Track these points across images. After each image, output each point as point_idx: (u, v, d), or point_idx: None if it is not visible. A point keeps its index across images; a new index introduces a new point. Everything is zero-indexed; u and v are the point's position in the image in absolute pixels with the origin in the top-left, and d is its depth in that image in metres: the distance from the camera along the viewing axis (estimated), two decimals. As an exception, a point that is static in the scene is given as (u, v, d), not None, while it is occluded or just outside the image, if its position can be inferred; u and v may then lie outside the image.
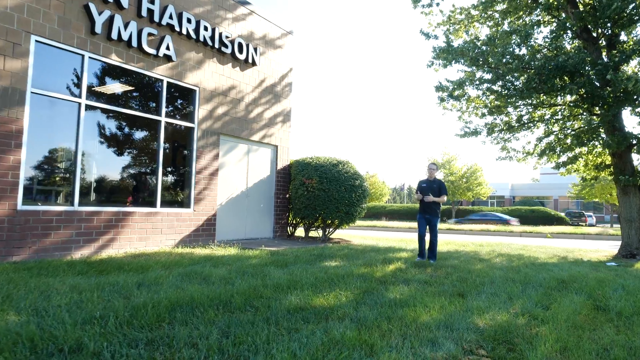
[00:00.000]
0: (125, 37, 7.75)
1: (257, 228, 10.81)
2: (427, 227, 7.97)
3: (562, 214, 37.20)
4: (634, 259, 9.97)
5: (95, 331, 2.94)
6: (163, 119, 8.54)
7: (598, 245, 17.03)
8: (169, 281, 4.81)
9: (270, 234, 11.20)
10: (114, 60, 7.72)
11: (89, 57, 7.38)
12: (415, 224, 14.07)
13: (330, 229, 11.34)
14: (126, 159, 8.18)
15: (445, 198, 7.89)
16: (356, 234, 16.65)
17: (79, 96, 7.23)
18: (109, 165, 7.92)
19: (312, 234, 12.63)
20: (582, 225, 35.94)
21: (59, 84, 7.05)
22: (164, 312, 3.49)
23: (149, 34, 8.20)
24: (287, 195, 11.61)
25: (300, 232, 13.22)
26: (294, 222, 12.18)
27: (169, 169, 8.90)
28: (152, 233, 8.18)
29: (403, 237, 15.81)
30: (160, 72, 8.48)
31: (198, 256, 7.18)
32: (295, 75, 11.48)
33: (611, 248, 15.45)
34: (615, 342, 3.77)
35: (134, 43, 7.91)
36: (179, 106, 9.14)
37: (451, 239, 15.69)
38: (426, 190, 7.86)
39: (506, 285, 5.94)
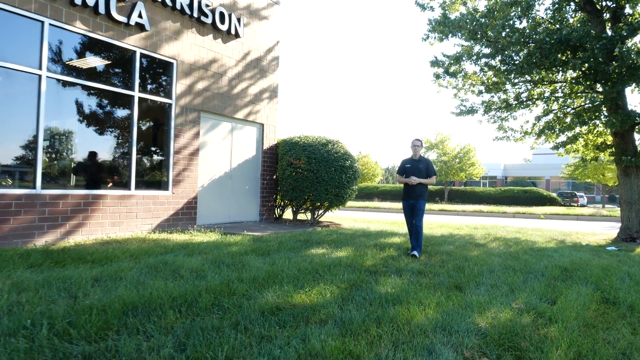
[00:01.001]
0: (91, 2, 7.00)
1: (242, 211, 10.27)
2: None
3: (555, 195, 37.05)
4: (634, 242, 9.60)
5: (18, 347, 2.40)
6: (136, 94, 7.86)
7: (593, 227, 16.76)
8: (132, 275, 4.27)
9: (256, 217, 10.67)
10: (79, 28, 6.99)
11: (50, 24, 6.65)
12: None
13: (320, 212, 10.83)
14: (96, 137, 7.53)
15: (434, 179, 6.85)
16: (347, 216, 16.18)
17: (39, 68, 6.53)
18: (76, 145, 7.27)
19: (301, 216, 12.13)
20: (574, 206, 35.85)
21: (16, 54, 6.33)
22: (113, 317, 2.95)
23: (119, 0, 7.45)
24: (274, 177, 11.04)
25: (288, 214, 12.70)
26: (281, 204, 11.65)
27: (145, 149, 8.27)
28: (126, 217, 7.60)
29: (395, 219, 15.36)
30: (133, 42, 7.76)
31: (174, 243, 6.64)
32: (282, 48, 10.75)
33: (606, 230, 15.17)
34: (634, 345, 3.32)
35: (102, 9, 7.17)
36: (155, 80, 8.45)
37: (445, 221, 15.28)
38: (411, 172, 6.81)
39: (506, 274, 5.48)
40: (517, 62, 9.56)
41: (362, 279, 4.75)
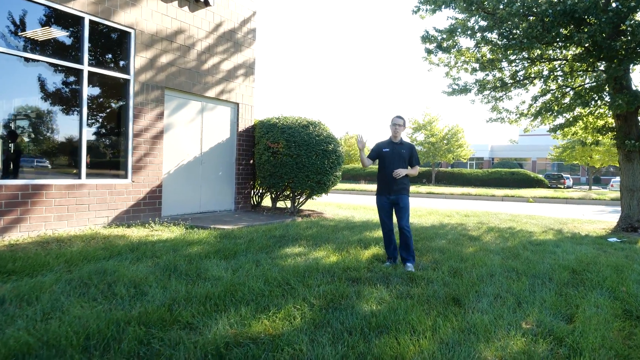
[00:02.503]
0: (24, -43, 5.91)
1: (214, 199, 9.37)
2: (394, 212, 5.25)
3: (542, 177, 36.77)
4: (636, 232, 8.99)
5: None
6: (86, 67, 6.81)
7: (583, 211, 16.29)
8: (51, 295, 3.38)
9: (231, 205, 9.78)
10: (11, -12, 5.90)
11: (-28, -18, 5.56)
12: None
13: (301, 200, 9.98)
14: (37, 119, 6.51)
15: (417, 170, 5.29)
16: (332, 201, 15.37)
17: (-40, 34, 5.46)
18: (13, 128, 6.25)
19: (281, 204, 11.28)
20: (561, 188, 35.67)
21: None
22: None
23: (61, -44, 6.35)
24: (252, 161, 10.13)
25: (268, 201, 11.83)
26: (260, 190, 10.77)
27: (98, 132, 7.26)
28: (76, 210, 6.65)
29: (382, 205, 14.62)
30: (80, 7, 6.67)
31: (126, 241, 5.74)
32: (259, 20, 9.66)
33: (597, 214, 14.67)
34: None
35: (39, -34, 6.08)
36: (109, 53, 7.39)
37: (433, 206, 14.59)
38: (390, 159, 5.13)
39: (509, 280, 4.73)
40: (516, 35, 8.69)
41: (341, 291, 3.94)
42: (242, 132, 9.90)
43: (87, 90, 6.88)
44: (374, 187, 30.50)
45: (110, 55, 7.39)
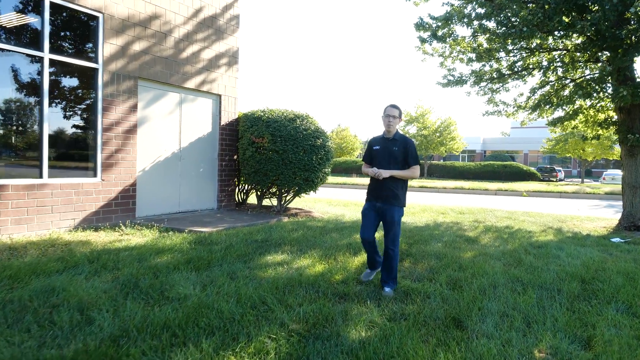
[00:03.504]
0: None
1: (195, 198, 8.78)
2: (381, 224, 4.26)
3: (534, 169, 36.58)
4: (639, 231, 8.57)
5: None
6: (47, 55, 6.17)
7: (577, 205, 15.94)
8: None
9: (213, 204, 9.20)
10: (-44, -36, 5.23)
11: None
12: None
13: (288, 198, 9.43)
14: (-8, 111, 5.87)
15: (417, 171, 4.16)
16: (322, 197, 14.82)
17: None
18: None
19: (268, 201, 10.72)
20: (553, 180, 35.52)
21: None
22: None
23: None
24: (236, 157, 9.54)
25: (254, 198, 11.27)
26: (245, 187, 10.20)
27: (62, 127, 6.62)
28: (37, 213, 6.04)
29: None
30: (39, -13, 6.02)
31: (89, 249, 5.16)
32: (243, 6, 8.99)
33: (592, 209, 14.31)
34: None
35: (-11, -60, 5.41)
36: (73, 39, 6.74)
37: (426, 201, 14.12)
38: (380, 157, 4.20)
39: (515, 293, 4.25)
40: (516, 23, 8.16)
41: (326, 312, 3.41)
42: (225, 126, 9.29)
43: (49, 80, 6.23)
44: (365, 180, 29.87)
45: (75, 42, 6.73)
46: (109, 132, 6.96)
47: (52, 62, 6.28)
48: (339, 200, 13.77)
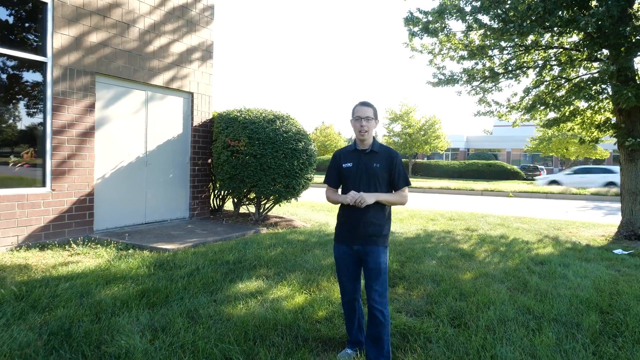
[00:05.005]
0: None
1: (164, 207, 7.96)
2: (362, 273, 3.07)
3: (517, 168, 36.56)
4: (640, 241, 8.09)
5: None
6: (-19, 46, 5.29)
7: (565, 207, 15.59)
8: None
9: (185, 212, 8.39)
10: None
11: None
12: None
13: (267, 206, 8.67)
14: None
15: (405, 194, 2.98)
16: (304, 199, 14.07)
17: None
18: None
19: (246, 208, 9.94)
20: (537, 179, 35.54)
21: None
22: None
23: None
24: (210, 161, 8.74)
25: (231, 204, 10.48)
26: (221, 192, 9.41)
27: (2, 129, 5.74)
28: (-30, 230, 5.18)
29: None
30: (-29, -34, 5.13)
31: (24, 277, 4.33)
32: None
33: (580, 211, 13.91)
34: None
35: None
36: (16, 29, 5.85)
37: (414, 206, 13.51)
38: (353, 178, 2.94)
39: (528, 330, 3.62)
40: (514, 18, 7.55)
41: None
42: (198, 127, 8.48)
43: (-14, 76, 5.37)
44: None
45: (19, 32, 5.85)
46: (60, 135, 6.10)
47: (-11, 55, 5.40)
48: (322, 204, 13.06)
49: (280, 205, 9.08)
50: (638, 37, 7.26)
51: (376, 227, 2.91)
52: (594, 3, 7.74)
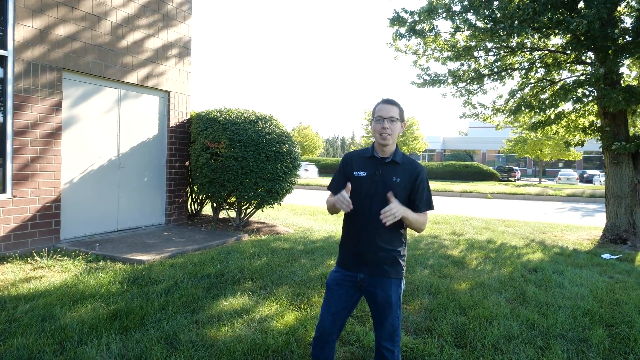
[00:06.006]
0: None
1: (138, 212, 7.47)
2: (351, 308, 2.42)
3: (494, 169, 37.07)
4: (626, 244, 8.06)
5: None
6: None
7: (543, 209, 15.73)
8: None
9: (161, 218, 7.91)
10: None
11: None
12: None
13: (248, 211, 8.27)
14: None
15: (425, 218, 2.36)
16: (285, 204, 13.70)
17: None
18: None
19: (226, 212, 9.50)
20: (512, 180, 36.16)
21: None
22: None
23: None
24: (187, 163, 8.28)
25: (209, 208, 10.02)
26: (199, 197, 8.95)
27: (-44, 128, 5.20)
28: None
29: (341, 207, 13.13)
30: None
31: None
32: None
33: (559, 214, 13.99)
34: None
35: None
36: (-27, 17, 5.32)
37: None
38: (367, 192, 2.32)
39: (536, 348, 3.39)
40: (503, 19, 7.38)
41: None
42: (175, 128, 8.02)
43: (-64, 70, 4.81)
44: (328, 180, 28.69)
45: (-25, 22, 5.31)
46: (22, 137, 5.57)
47: (-60, 47, 4.86)
48: (304, 207, 12.73)
49: (262, 211, 8.69)
50: (626, 40, 7.21)
51: (389, 253, 2.31)
52: (580, 5, 7.67)
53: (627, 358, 3.35)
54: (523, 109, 9.39)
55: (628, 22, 8.38)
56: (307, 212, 11.49)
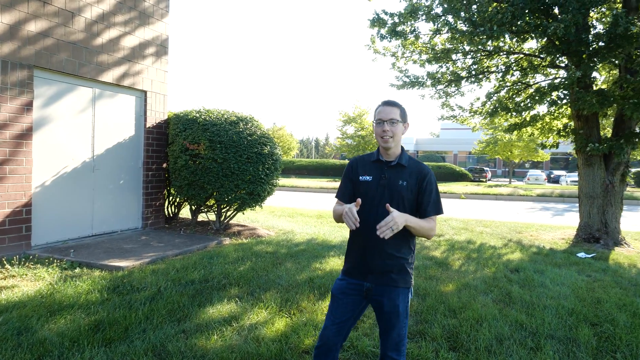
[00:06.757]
0: None
1: (114, 216, 7.20)
2: (356, 318, 2.32)
3: (466, 170, 37.82)
4: (599, 243, 8.31)
5: None
6: None
7: (516, 209, 16.10)
8: None
9: (137, 222, 7.65)
10: None
11: None
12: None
13: (229, 214, 8.10)
14: None
15: (434, 224, 2.24)
16: (263, 206, 13.55)
17: None
18: None
19: (204, 215, 9.30)
20: (484, 181, 36.98)
21: None
22: None
23: None
24: (165, 165, 8.05)
25: (187, 211, 9.79)
26: (177, 199, 8.72)
27: None
28: None
29: (320, 209, 13.11)
30: None
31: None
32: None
33: (529, 212, 14.37)
34: None
35: None
36: (-64, 10, 4.99)
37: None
38: (372, 198, 2.24)
39: (527, 350, 3.42)
40: (481, 22, 7.49)
41: None
42: (152, 129, 7.77)
43: None
44: (304, 182, 28.72)
45: (-62, 15, 4.99)
46: (-9, 138, 5.27)
47: None
48: (282, 209, 12.61)
49: (243, 213, 8.54)
50: (600, 44, 7.42)
51: (396, 260, 2.23)
52: (555, 10, 7.87)
53: (615, 356, 3.41)
54: (499, 111, 9.57)
55: (600, 28, 8.65)
56: (286, 214, 11.38)
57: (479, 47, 8.61)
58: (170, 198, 8.62)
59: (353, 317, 2.28)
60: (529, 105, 9.04)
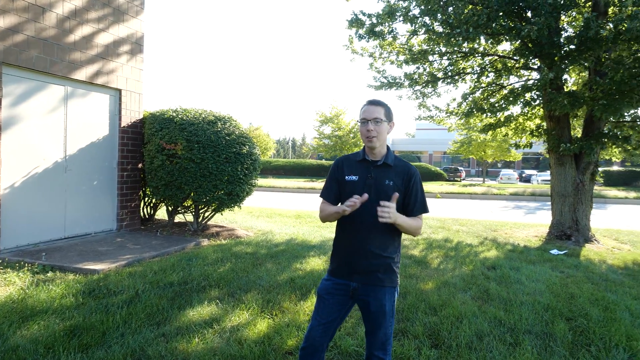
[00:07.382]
0: None
1: (87, 218, 7.00)
2: (342, 318, 2.31)
3: (441, 170, 38.43)
4: (570, 240, 8.56)
5: None
6: None
7: (490, 207, 16.44)
8: None
9: (112, 224, 7.46)
10: None
11: None
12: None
13: (206, 214, 7.98)
14: None
15: (420, 223, 2.27)
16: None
17: None
18: None
19: (182, 216, 9.14)
20: (458, 180, 37.66)
21: None
22: None
23: None
24: (140, 165, 7.87)
25: (163, 212, 9.61)
26: (152, 200, 8.55)
27: None
28: None
29: (298, 209, 13.09)
30: None
31: None
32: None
33: (503, 210, 14.72)
34: None
35: None
36: None
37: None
38: (361, 194, 2.13)
39: (507, 345, 3.49)
40: (457, 24, 7.62)
41: None
42: (127, 128, 7.59)
43: None
44: (281, 182, 28.63)
45: None
46: (-44, 137, 5.05)
47: None
48: (260, 210, 12.53)
49: (221, 214, 8.43)
50: (571, 47, 7.65)
51: (382, 260, 2.22)
52: (528, 14, 8.07)
53: (589, 350, 3.52)
54: (475, 112, 9.75)
55: (570, 31, 8.90)
56: (264, 215, 11.31)
57: (455, 48, 8.75)
58: (146, 199, 8.45)
59: (339, 317, 2.27)
60: (503, 106, 9.24)
